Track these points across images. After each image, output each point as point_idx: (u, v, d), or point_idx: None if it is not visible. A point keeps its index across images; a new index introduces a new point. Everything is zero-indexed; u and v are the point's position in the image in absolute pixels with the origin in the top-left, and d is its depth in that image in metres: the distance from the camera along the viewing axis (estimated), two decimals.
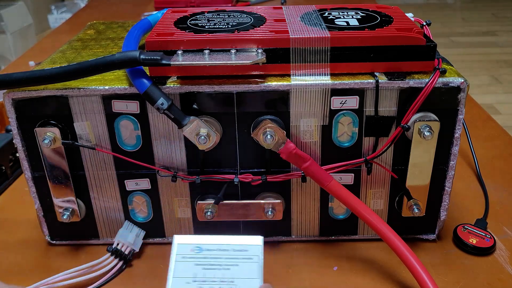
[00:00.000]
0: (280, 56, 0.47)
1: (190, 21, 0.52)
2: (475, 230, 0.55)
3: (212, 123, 0.48)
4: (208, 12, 0.55)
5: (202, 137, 0.46)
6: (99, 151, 0.50)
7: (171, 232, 0.55)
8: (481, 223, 0.56)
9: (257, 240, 0.44)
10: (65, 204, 0.52)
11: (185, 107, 0.48)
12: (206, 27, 0.50)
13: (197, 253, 0.43)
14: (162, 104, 0.45)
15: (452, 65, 0.50)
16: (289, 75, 0.47)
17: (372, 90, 0.47)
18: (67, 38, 0.66)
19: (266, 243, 0.55)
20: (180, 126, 0.46)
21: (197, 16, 0.53)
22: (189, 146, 0.50)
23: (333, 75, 0.47)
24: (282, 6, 0.57)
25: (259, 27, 0.49)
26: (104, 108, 0.48)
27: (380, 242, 0.53)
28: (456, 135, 0.49)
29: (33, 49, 1.25)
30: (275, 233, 0.55)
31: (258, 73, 0.47)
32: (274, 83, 0.47)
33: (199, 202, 0.52)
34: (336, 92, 0.47)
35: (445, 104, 0.48)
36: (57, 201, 0.52)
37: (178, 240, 0.44)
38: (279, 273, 0.52)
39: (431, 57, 0.47)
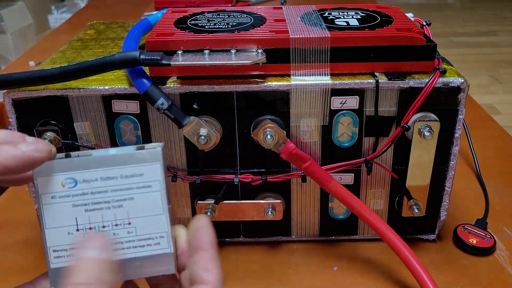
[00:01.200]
0: (280, 56, 0.47)
1: (190, 21, 0.52)
2: (475, 230, 0.55)
3: (212, 123, 0.48)
4: (208, 12, 0.55)
5: (202, 137, 0.46)
6: None
7: None
8: (481, 223, 0.56)
9: (154, 156, 0.31)
10: None
11: (185, 107, 0.48)
12: (206, 27, 0.50)
13: (72, 189, 0.30)
14: (162, 104, 0.45)
15: (452, 65, 0.50)
16: (289, 75, 0.47)
17: (372, 90, 0.47)
18: (67, 38, 0.66)
19: (266, 243, 0.56)
20: (180, 126, 0.46)
21: (197, 16, 0.53)
22: (189, 146, 0.50)
23: (333, 75, 0.47)
24: (282, 6, 0.57)
25: (259, 27, 0.49)
26: (104, 108, 0.48)
27: (380, 242, 0.53)
28: (456, 135, 0.49)
29: (33, 49, 1.25)
30: (275, 233, 0.56)
31: (258, 73, 0.47)
32: (274, 83, 0.47)
33: (199, 202, 0.52)
34: (336, 92, 0.47)
35: (445, 104, 0.48)
36: None
37: (39, 171, 0.30)
38: (279, 273, 0.52)
39: (431, 57, 0.47)
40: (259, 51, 0.46)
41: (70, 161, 0.31)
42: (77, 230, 0.31)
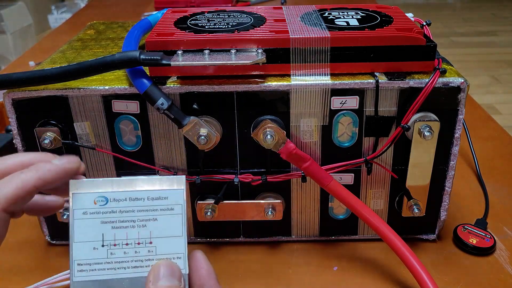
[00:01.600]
0: (280, 56, 0.47)
1: (190, 21, 0.52)
2: (475, 230, 0.55)
3: (212, 123, 0.48)
4: (208, 12, 0.55)
5: (202, 137, 0.46)
6: (99, 151, 0.50)
7: None
8: (481, 223, 0.56)
9: (179, 182, 0.34)
10: (65, 204, 0.52)
11: (185, 107, 0.48)
12: (206, 27, 0.50)
13: (103, 206, 0.33)
14: (162, 104, 0.45)
15: (452, 65, 0.50)
16: (289, 75, 0.47)
17: (372, 90, 0.47)
18: (67, 38, 0.66)
19: (266, 243, 0.56)
20: (180, 126, 0.46)
21: (197, 16, 0.53)
22: (189, 146, 0.50)
23: (333, 75, 0.47)
24: (282, 6, 0.57)
25: (259, 27, 0.49)
26: (104, 108, 0.48)
27: (380, 242, 0.53)
28: (456, 135, 0.49)
29: (33, 49, 1.25)
30: (275, 233, 0.56)
31: (258, 73, 0.47)
32: (274, 83, 0.47)
33: (199, 202, 0.52)
34: (336, 92, 0.47)
35: (445, 104, 0.48)
36: None
37: (75, 187, 0.33)
38: (279, 273, 0.52)
39: (431, 57, 0.47)
40: (259, 51, 0.46)
41: (103, 180, 0.33)
42: (103, 246, 0.33)
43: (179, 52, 0.46)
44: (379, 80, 0.46)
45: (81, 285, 0.33)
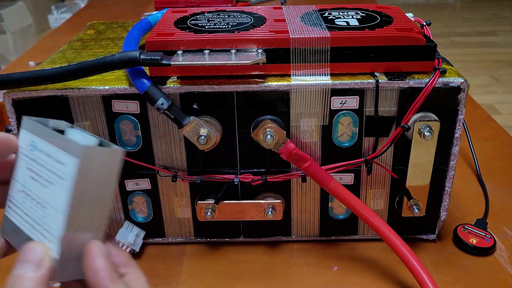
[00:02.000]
0: (280, 56, 0.47)
1: (190, 21, 0.52)
2: (475, 230, 0.55)
3: (212, 123, 0.48)
4: (208, 12, 0.55)
5: (202, 137, 0.46)
6: None
7: (171, 232, 0.55)
8: (481, 223, 0.56)
9: (74, 150, 0.28)
10: None
11: (185, 107, 0.48)
12: (206, 27, 0.50)
13: (30, 152, 0.30)
14: (162, 104, 0.45)
15: (452, 65, 0.50)
16: (289, 75, 0.47)
17: (372, 90, 0.47)
18: (67, 38, 0.66)
19: (266, 243, 0.56)
20: (180, 126, 0.46)
21: (197, 16, 0.53)
22: (189, 146, 0.50)
23: (333, 75, 0.47)
24: (282, 6, 0.57)
25: (259, 27, 0.49)
26: (104, 108, 0.48)
27: (380, 242, 0.53)
28: (456, 135, 0.49)
29: (33, 49, 1.25)
30: (275, 233, 0.56)
31: (258, 73, 0.47)
32: (274, 83, 0.47)
33: (199, 202, 0.52)
34: (336, 92, 0.47)
35: (445, 104, 0.48)
36: None
37: (25, 124, 0.31)
38: (279, 273, 0.52)
39: (431, 57, 0.47)
40: (259, 51, 0.46)
41: (41, 127, 0.30)
42: (22, 191, 0.31)
43: (179, 52, 0.46)
44: (379, 80, 0.46)
45: (6, 222, 0.32)
